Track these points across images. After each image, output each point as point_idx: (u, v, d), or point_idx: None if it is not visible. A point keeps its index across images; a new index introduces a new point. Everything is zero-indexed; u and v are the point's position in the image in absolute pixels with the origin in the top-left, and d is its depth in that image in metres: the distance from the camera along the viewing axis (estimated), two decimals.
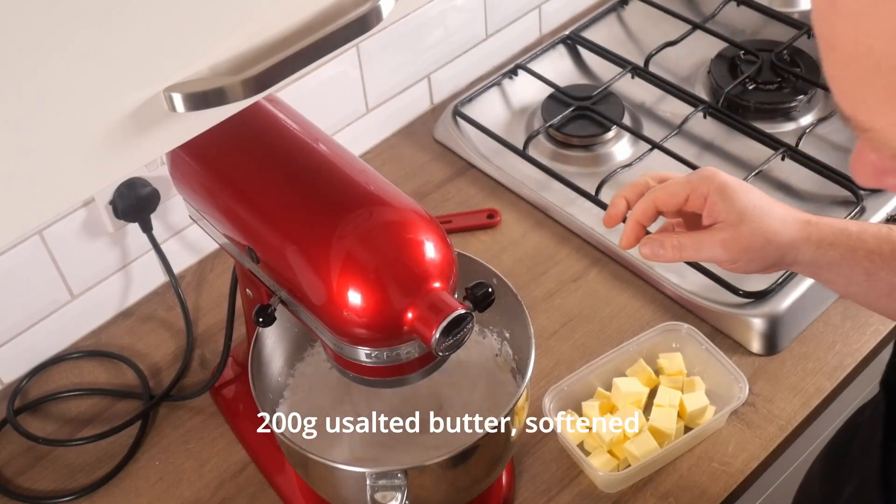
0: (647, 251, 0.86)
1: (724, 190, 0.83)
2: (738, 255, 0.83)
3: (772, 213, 0.82)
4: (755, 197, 0.83)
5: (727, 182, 0.83)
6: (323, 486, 0.91)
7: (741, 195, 0.83)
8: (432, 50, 1.36)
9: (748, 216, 0.82)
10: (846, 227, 0.82)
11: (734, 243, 0.82)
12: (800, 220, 0.83)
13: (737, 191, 0.83)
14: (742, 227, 0.82)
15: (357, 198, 0.79)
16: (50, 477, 1.06)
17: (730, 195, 0.82)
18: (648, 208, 0.86)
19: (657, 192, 0.85)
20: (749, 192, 0.83)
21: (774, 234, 0.82)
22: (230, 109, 0.62)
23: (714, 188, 0.83)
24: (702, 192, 0.84)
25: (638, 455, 0.97)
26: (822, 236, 0.82)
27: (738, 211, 0.82)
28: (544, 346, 1.11)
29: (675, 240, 0.84)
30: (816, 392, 1.05)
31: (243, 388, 1.05)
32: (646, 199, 0.86)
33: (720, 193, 0.83)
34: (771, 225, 0.82)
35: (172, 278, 1.15)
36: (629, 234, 0.87)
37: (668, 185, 0.85)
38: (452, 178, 1.31)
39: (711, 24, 1.43)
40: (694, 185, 0.84)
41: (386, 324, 0.77)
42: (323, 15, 0.63)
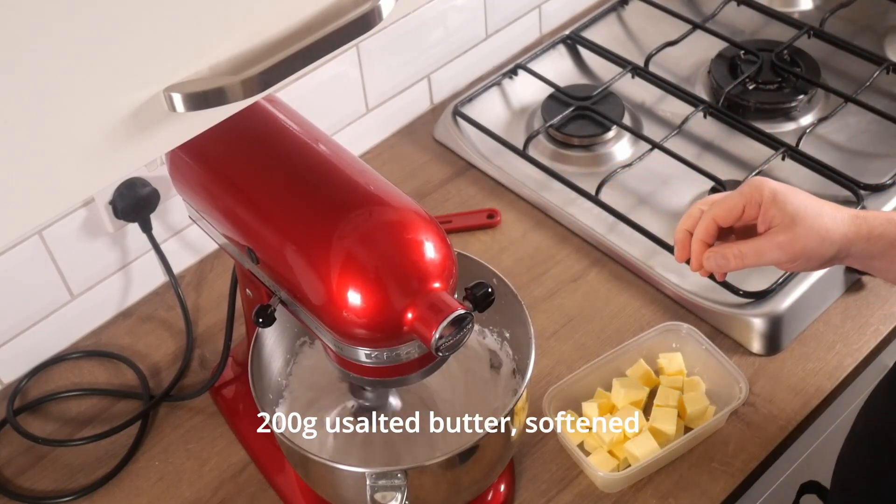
0: (713, 264, 0.90)
1: (775, 196, 0.87)
2: (797, 255, 0.87)
3: (823, 211, 0.87)
4: (805, 198, 0.87)
5: (777, 188, 0.87)
6: (323, 486, 0.91)
7: (792, 198, 0.87)
8: (432, 50, 1.36)
9: (801, 217, 0.86)
10: (891, 217, 0.87)
11: (792, 245, 0.86)
12: (849, 215, 0.87)
13: (787, 195, 0.87)
14: (797, 229, 0.86)
15: (357, 198, 0.79)
16: (50, 477, 1.06)
17: (781, 199, 0.87)
18: (710, 226, 0.90)
19: (715, 210, 0.89)
20: (798, 195, 0.87)
21: (828, 231, 0.86)
22: (230, 109, 0.62)
23: (766, 195, 0.87)
24: (756, 201, 0.88)
25: (638, 455, 0.97)
26: (871, 228, 0.86)
27: (791, 214, 0.86)
28: (544, 346, 1.11)
29: (735, 249, 0.88)
30: (816, 392, 1.05)
31: (243, 388, 1.05)
32: (706, 219, 0.90)
33: (772, 199, 0.87)
34: (824, 223, 0.86)
35: (172, 278, 1.15)
36: (697, 254, 0.91)
37: (723, 200, 0.89)
38: (452, 178, 1.31)
39: (711, 24, 1.43)
40: (747, 196, 0.88)
41: (386, 324, 0.77)
42: (323, 15, 0.63)
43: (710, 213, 0.90)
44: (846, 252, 0.87)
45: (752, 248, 0.88)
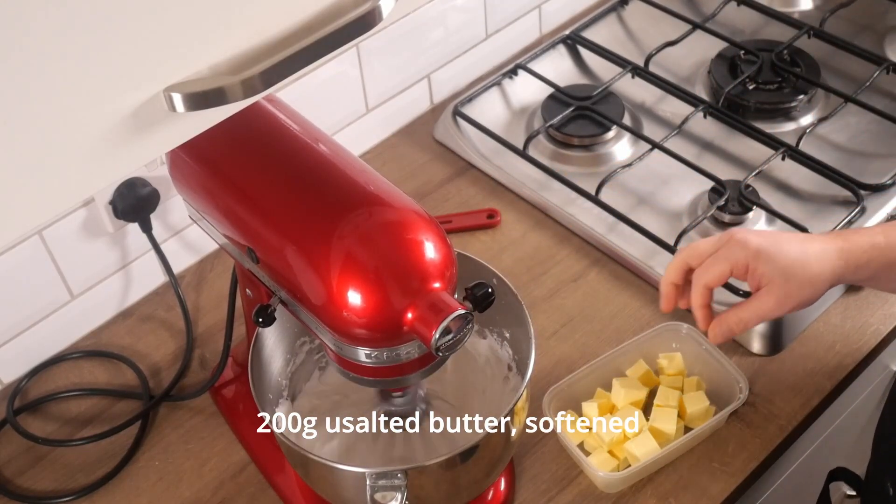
0: (720, 339, 0.92)
1: (759, 254, 0.88)
2: (794, 308, 0.89)
3: (808, 256, 0.88)
4: (789, 247, 0.89)
5: (760, 246, 0.88)
6: (323, 486, 0.91)
7: (777, 254, 0.88)
8: (432, 50, 1.36)
9: (791, 272, 0.87)
10: (875, 240, 0.88)
11: (788, 301, 0.88)
12: (834, 250, 0.88)
13: (771, 251, 0.88)
14: (790, 286, 0.88)
15: (357, 198, 0.79)
16: (50, 477, 1.06)
17: (766, 258, 0.88)
18: (705, 294, 0.92)
19: (706, 278, 0.91)
20: (782, 245, 0.88)
21: (818, 276, 0.88)
22: (230, 109, 0.62)
23: (751, 256, 0.88)
24: (742, 263, 0.89)
25: (638, 455, 0.97)
26: (857, 259, 0.88)
27: (781, 270, 0.88)
28: (544, 346, 1.11)
29: (735, 318, 0.91)
30: (816, 392, 1.05)
31: (243, 388, 1.05)
32: (698, 288, 0.92)
33: (757, 259, 0.88)
34: (813, 271, 0.88)
35: (172, 278, 1.15)
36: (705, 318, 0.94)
37: (711, 266, 0.91)
38: (452, 178, 1.31)
39: (711, 24, 1.43)
40: (732, 260, 0.89)
41: (386, 324, 0.77)
42: (323, 15, 0.63)
43: (701, 282, 0.91)
44: (836, 284, 0.90)
45: (751, 313, 0.90)
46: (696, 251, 0.93)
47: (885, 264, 0.88)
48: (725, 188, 1.20)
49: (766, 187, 1.22)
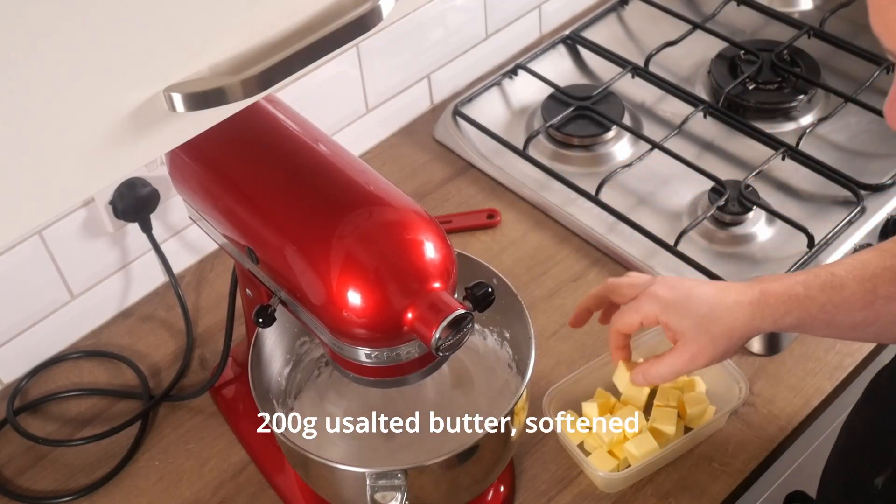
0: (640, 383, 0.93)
1: (667, 308, 0.88)
2: (710, 361, 0.88)
3: (721, 310, 0.86)
4: (700, 303, 0.87)
5: (670, 300, 0.88)
6: (323, 486, 0.91)
7: (687, 309, 0.87)
8: (432, 50, 1.36)
9: (703, 327, 0.87)
10: (793, 292, 0.85)
11: (702, 356, 0.87)
12: (749, 303, 0.86)
13: (681, 306, 0.87)
14: (702, 339, 0.87)
15: (357, 198, 0.79)
16: (50, 477, 1.06)
17: (675, 312, 0.88)
18: (618, 338, 0.95)
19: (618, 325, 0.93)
20: (692, 301, 0.87)
21: (732, 330, 0.86)
22: (230, 109, 0.62)
23: (661, 310, 0.88)
24: (652, 317, 0.89)
25: (638, 455, 0.97)
26: (774, 311, 0.85)
27: (692, 325, 0.87)
28: (544, 346, 1.11)
29: (653, 372, 0.90)
30: (816, 392, 1.05)
31: (243, 388, 1.05)
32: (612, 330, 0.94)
33: (668, 314, 0.88)
34: (725, 323, 0.86)
35: (172, 278, 1.15)
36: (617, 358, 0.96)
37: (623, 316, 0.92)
38: (452, 178, 1.31)
39: (711, 24, 1.43)
40: (642, 312, 0.90)
41: (386, 324, 0.76)
42: (323, 15, 0.63)
43: (613, 327, 0.93)
44: (754, 335, 0.88)
45: (667, 368, 0.89)
46: (618, 290, 0.94)
47: (804, 313, 0.85)
48: (725, 188, 1.20)
49: (766, 187, 1.22)
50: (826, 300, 0.84)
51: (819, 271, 0.87)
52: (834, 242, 1.15)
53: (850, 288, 0.84)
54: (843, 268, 0.86)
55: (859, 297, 0.84)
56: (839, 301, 0.84)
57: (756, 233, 1.18)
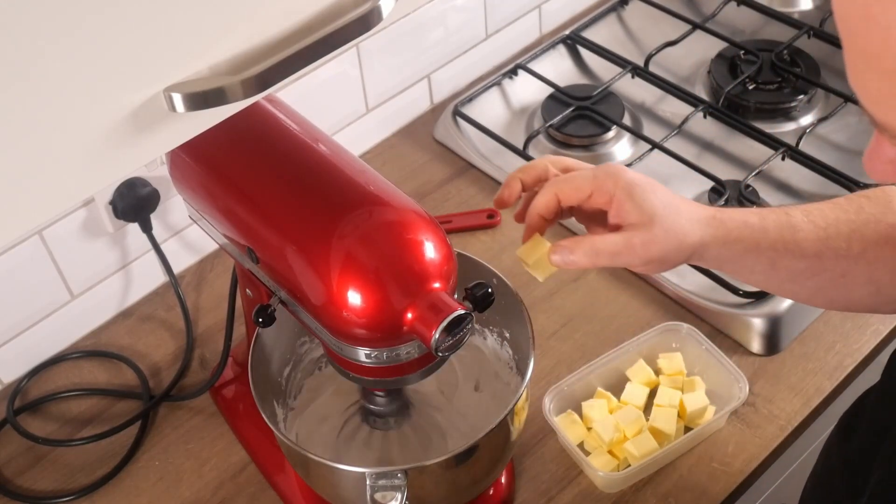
0: (558, 259, 0.80)
1: (632, 189, 0.79)
2: (652, 258, 0.79)
3: (680, 211, 0.79)
4: (663, 195, 0.80)
5: (635, 180, 0.79)
6: (323, 486, 0.91)
7: (650, 194, 0.79)
8: (432, 50, 1.36)
9: (659, 217, 0.78)
10: (748, 219, 0.80)
11: (650, 248, 0.78)
12: (706, 217, 0.80)
13: (645, 189, 0.79)
14: (655, 230, 0.78)
15: (357, 198, 0.79)
16: (50, 477, 1.06)
17: (639, 194, 0.79)
18: (551, 201, 0.81)
19: (560, 185, 0.81)
20: (656, 191, 0.80)
21: (685, 234, 0.79)
22: (230, 109, 0.62)
23: (621, 187, 0.79)
24: (607, 190, 0.79)
25: (638, 455, 0.97)
26: (727, 232, 0.80)
27: (649, 212, 0.78)
28: (544, 346, 1.11)
29: (587, 246, 0.79)
30: (816, 392, 1.05)
31: (243, 388, 1.05)
32: (548, 192, 0.81)
33: (628, 193, 0.79)
34: (682, 225, 0.79)
35: (172, 278, 1.15)
36: (532, 227, 0.82)
37: (572, 178, 0.81)
38: (452, 178, 1.31)
39: (711, 24, 1.43)
40: (599, 181, 0.80)
41: (386, 324, 0.77)
42: (323, 15, 0.63)
43: (553, 188, 0.81)
44: (699, 255, 0.81)
45: (607, 246, 0.79)
46: (561, 162, 0.84)
47: (754, 245, 0.79)
48: (725, 188, 1.20)
49: (766, 187, 1.22)
50: (778, 237, 0.79)
51: (775, 209, 0.82)
52: None
53: (804, 231, 0.79)
54: (799, 211, 0.81)
55: (811, 244, 0.79)
56: (791, 242, 0.79)
57: None
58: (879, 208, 0.80)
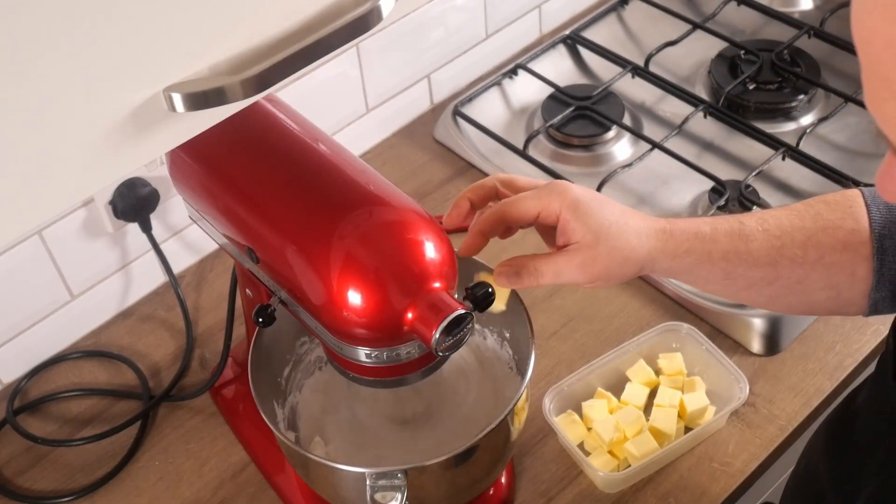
0: (504, 280, 0.81)
1: (576, 207, 0.79)
2: (597, 276, 0.80)
3: (627, 227, 0.79)
4: (610, 212, 0.80)
5: (579, 198, 0.79)
6: (323, 486, 0.91)
7: (595, 212, 0.79)
8: (432, 50, 1.36)
9: (604, 235, 0.79)
10: (699, 229, 0.80)
11: (593, 265, 0.79)
12: (655, 231, 0.80)
13: (591, 207, 0.79)
14: (599, 248, 0.79)
15: (357, 198, 0.79)
16: (50, 477, 1.06)
17: (583, 212, 0.79)
18: (497, 222, 0.81)
19: (507, 207, 0.81)
20: (604, 208, 0.80)
21: (631, 250, 0.79)
22: (230, 109, 0.62)
23: (566, 205, 0.79)
24: (553, 210, 0.80)
25: (638, 455, 0.97)
26: (677, 245, 0.80)
27: (594, 231, 0.78)
28: (544, 346, 1.11)
29: (531, 266, 0.80)
30: (816, 392, 1.05)
31: (243, 388, 1.05)
32: (495, 212, 0.81)
33: (573, 211, 0.79)
34: (629, 241, 0.79)
35: (172, 278, 1.15)
36: (471, 244, 0.83)
37: (518, 199, 0.81)
38: (452, 178, 1.31)
39: (711, 24, 1.43)
40: (545, 201, 0.80)
41: (386, 324, 0.76)
42: (323, 15, 0.63)
43: (500, 208, 0.81)
44: (649, 268, 0.81)
45: (549, 267, 0.80)
46: (512, 182, 0.84)
47: (705, 257, 0.79)
48: (725, 188, 1.20)
49: (766, 187, 1.22)
50: (730, 247, 0.79)
51: (729, 217, 0.82)
52: None
53: (758, 241, 0.79)
54: (753, 219, 0.80)
55: (765, 253, 0.79)
56: (744, 251, 0.79)
57: None
58: (838, 214, 0.80)
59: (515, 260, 0.81)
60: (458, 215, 0.84)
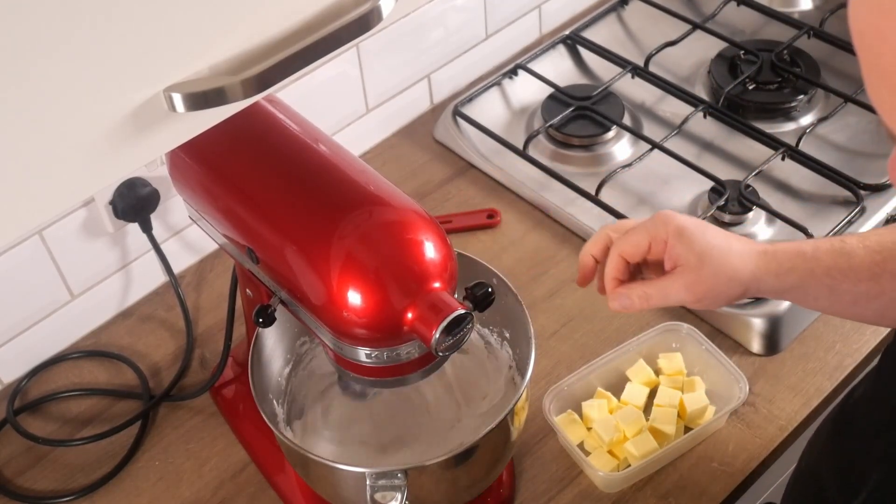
0: (617, 305, 0.87)
1: (681, 233, 0.84)
2: (703, 295, 0.85)
3: (730, 249, 0.84)
4: (712, 236, 0.84)
5: (684, 225, 0.85)
6: (323, 486, 0.91)
7: (698, 236, 0.84)
8: (432, 50, 1.36)
9: (708, 257, 0.83)
10: (801, 249, 0.84)
11: (698, 286, 0.84)
12: (757, 253, 0.84)
13: (693, 232, 0.84)
14: (704, 269, 0.83)
15: (357, 198, 0.79)
16: (50, 477, 1.06)
17: (687, 237, 0.84)
18: (619, 263, 0.87)
19: (622, 247, 0.87)
20: (706, 232, 0.85)
21: (735, 270, 0.83)
22: (230, 109, 0.62)
23: (672, 232, 0.84)
24: (661, 238, 0.85)
25: (638, 455, 0.97)
26: (779, 264, 0.84)
27: (698, 253, 0.83)
28: (544, 346, 1.11)
29: (640, 290, 0.86)
30: (816, 392, 1.05)
31: (243, 388, 1.05)
32: (613, 256, 0.87)
33: (678, 237, 0.84)
34: (731, 262, 0.83)
35: (172, 278, 1.15)
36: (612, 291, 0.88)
37: (629, 236, 0.87)
38: (452, 178, 1.31)
39: (711, 24, 1.43)
40: (652, 232, 0.85)
41: (386, 324, 0.77)
42: (323, 15, 0.63)
43: (616, 250, 0.87)
44: (755, 289, 0.85)
45: (657, 289, 0.86)
46: (621, 225, 0.90)
47: (808, 273, 0.83)
48: (725, 188, 1.20)
49: (766, 187, 1.23)
50: (832, 264, 0.82)
51: (830, 238, 0.86)
52: None
53: (859, 256, 0.82)
54: (854, 238, 0.84)
55: (867, 268, 0.82)
56: (846, 268, 0.82)
57: (756, 233, 1.18)
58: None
59: (626, 287, 0.87)
60: (589, 273, 0.91)
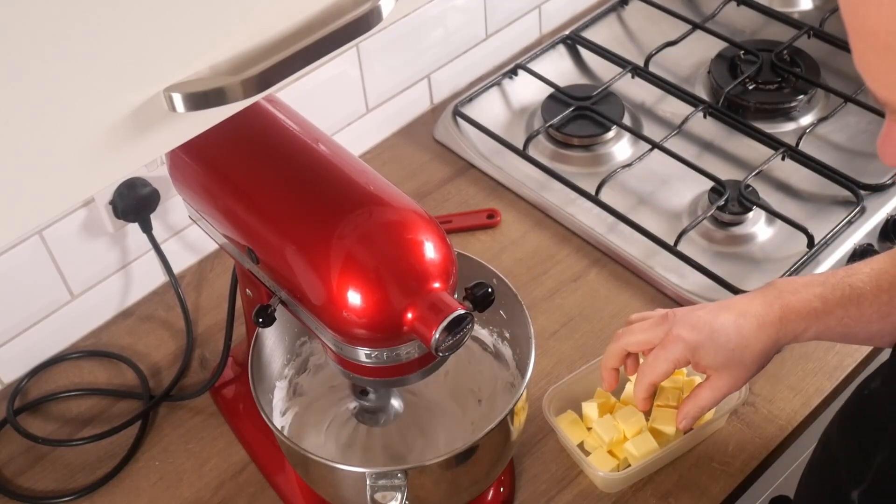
0: (686, 425, 0.93)
1: (697, 350, 0.88)
2: (745, 381, 0.90)
3: (747, 339, 0.87)
4: (727, 335, 0.87)
5: (697, 342, 0.88)
6: (323, 486, 0.91)
7: (714, 346, 0.88)
8: (432, 50, 1.36)
9: (733, 359, 0.88)
10: (811, 306, 0.87)
11: (737, 379, 0.89)
12: (771, 323, 0.87)
13: (705, 345, 0.88)
14: (734, 370, 0.88)
15: (357, 198, 0.79)
16: (50, 477, 1.06)
17: (704, 350, 0.88)
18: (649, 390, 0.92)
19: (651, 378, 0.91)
20: (719, 336, 0.87)
21: (760, 353, 0.88)
22: (230, 109, 0.62)
23: (689, 352, 0.89)
24: (684, 360, 0.89)
25: (638, 455, 0.97)
26: (794, 329, 0.87)
27: (723, 360, 0.88)
28: (544, 346, 1.11)
29: (693, 406, 0.91)
30: (816, 392, 1.05)
31: (243, 388, 1.05)
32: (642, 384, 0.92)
33: (696, 354, 0.88)
34: (754, 349, 0.87)
35: (172, 278, 1.15)
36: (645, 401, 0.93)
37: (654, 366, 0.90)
38: (452, 178, 1.31)
39: (711, 24, 1.43)
40: (673, 358, 0.89)
41: (386, 324, 0.77)
42: (323, 15, 0.63)
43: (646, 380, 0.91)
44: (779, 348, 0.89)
45: (706, 399, 0.90)
46: (633, 338, 0.93)
47: (823, 328, 0.88)
48: (725, 188, 1.20)
49: (766, 187, 1.23)
50: (843, 314, 0.87)
51: (836, 283, 0.88)
52: (834, 242, 1.15)
53: (868, 300, 0.86)
54: (860, 279, 0.87)
55: (875, 311, 0.86)
56: (856, 315, 0.86)
57: (756, 233, 1.18)
58: None
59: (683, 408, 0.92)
60: (614, 381, 0.96)
